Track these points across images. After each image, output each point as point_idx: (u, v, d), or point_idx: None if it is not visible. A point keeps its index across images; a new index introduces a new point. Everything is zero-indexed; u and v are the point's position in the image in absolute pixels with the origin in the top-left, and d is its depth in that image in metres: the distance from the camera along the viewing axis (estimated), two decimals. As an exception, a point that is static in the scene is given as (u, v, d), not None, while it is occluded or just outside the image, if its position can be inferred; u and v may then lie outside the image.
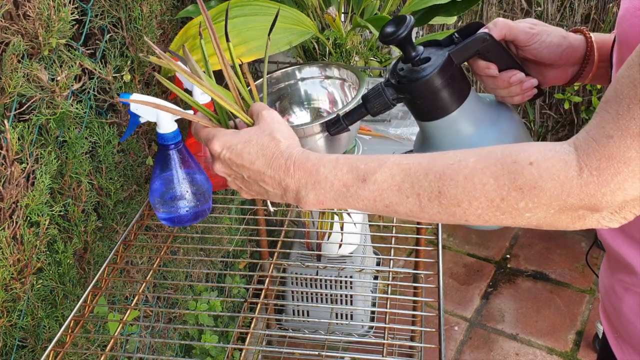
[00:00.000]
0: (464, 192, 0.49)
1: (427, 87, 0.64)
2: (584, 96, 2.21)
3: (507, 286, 2.07)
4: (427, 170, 0.51)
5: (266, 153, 0.58)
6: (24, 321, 0.92)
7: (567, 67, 0.69)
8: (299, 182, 0.56)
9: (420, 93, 0.65)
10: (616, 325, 0.68)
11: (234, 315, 1.70)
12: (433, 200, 0.50)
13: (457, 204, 0.50)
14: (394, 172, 0.52)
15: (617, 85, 0.45)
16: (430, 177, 0.50)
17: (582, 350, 1.82)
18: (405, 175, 0.51)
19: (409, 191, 0.51)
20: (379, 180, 0.52)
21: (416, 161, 0.52)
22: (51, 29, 0.87)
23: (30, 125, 0.86)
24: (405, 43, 0.65)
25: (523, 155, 0.48)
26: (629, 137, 0.44)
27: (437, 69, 0.63)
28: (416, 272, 1.05)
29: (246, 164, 0.58)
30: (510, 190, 0.47)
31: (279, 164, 0.57)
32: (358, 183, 0.53)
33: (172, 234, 1.05)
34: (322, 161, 0.56)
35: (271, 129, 0.60)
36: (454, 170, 0.50)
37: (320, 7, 1.25)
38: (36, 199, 0.87)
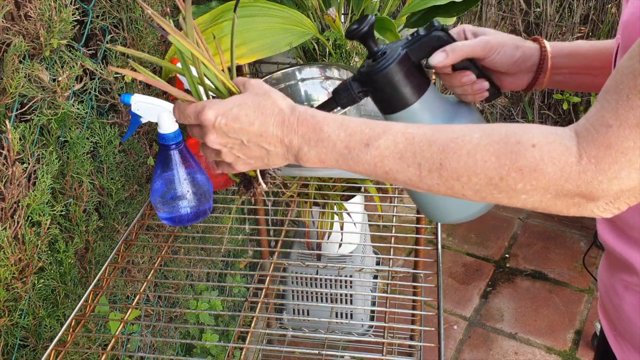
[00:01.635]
0: (465, 166, 0.49)
1: (384, 79, 0.68)
2: (582, 97, 2.21)
3: (506, 285, 2.08)
4: (430, 141, 0.51)
5: (265, 112, 0.57)
6: (26, 320, 0.92)
7: (522, 74, 0.71)
8: (302, 138, 0.55)
9: (379, 85, 0.69)
10: (616, 324, 0.68)
11: (235, 315, 1.70)
12: (433, 172, 0.51)
13: (456, 177, 0.50)
14: (397, 139, 0.52)
15: (617, 75, 0.46)
16: (434, 148, 0.50)
17: (581, 350, 1.83)
18: (409, 144, 0.51)
19: (410, 160, 0.51)
20: (382, 146, 0.52)
21: (420, 131, 0.52)
22: (52, 30, 0.87)
23: (32, 125, 0.87)
24: (366, 38, 0.69)
25: (526, 137, 0.48)
26: (627, 128, 0.44)
27: (394, 62, 0.67)
28: (415, 271, 1.05)
29: (245, 126, 0.56)
30: (510, 171, 0.48)
31: (281, 119, 0.56)
32: (360, 146, 0.53)
33: (173, 234, 1.06)
34: (326, 119, 0.55)
35: (264, 90, 0.59)
36: (457, 144, 0.50)
37: (320, 8, 1.25)
38: (37, 199, 0.87)
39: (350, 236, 1.56)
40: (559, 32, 2.21)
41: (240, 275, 1.71)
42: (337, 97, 0.72)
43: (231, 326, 1.66)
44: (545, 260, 2.16)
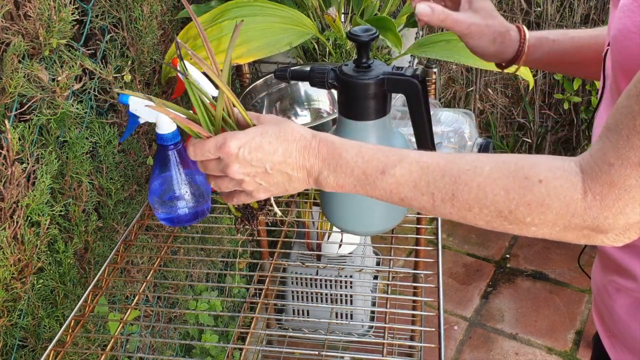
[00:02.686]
0: (476, 199, 0.51)
1: (356, 89, 0.74)
2: (583, 96, 2.21)
3: (507, 286, 2.07)
4: (443, 171, 0.52)
5: (287, 138, 0.58)
6: (25, 321, 0.92)
7: (495, 56, 0.77)
8: (323, 162, 0.57)
9: (348, 90, 0.75)
10: (609, 325, 0.69)
11: (234, 315, 1.70)
12: (446, 201, 0.52)
13: (468, 208, 0.52)
14: (412, 168, 0.54)
15: (616, 115, 0.47)
16: (446, 179, 0.52)
17: (582, 350, 1.83)
18: (423, 174, 0.53)
19: (424, 189, 0.53)
20: (397, 174, 0.54)
21: (434, 161, 0.53)
22: (52, 30, 0.87)
23: (31, 125, 0.87)
24: (363, 47, 0.74)
25: (534, 172, 0.49)
26: (628, 167, 0.45)
27: (371, 81, 0.73)
28: (416, 271, 1.05)
29: (268, 155, 0.58)
30: (519, 205, 0.49)
31: (304, 145, 0.58)
32: (377, 174, 0.55)
33: (172, 234, 1.06)
34: (344, 146, 0.57)
35: (280, 120, 0.61)
36: (469, 176, 0.51)
37: (320, 8, 1.25)
38: (37, 199, 0.87)
39: (350, 236, 1.55)
40: (559, 32, 2.20)
41: (239, 276, 1.70)
42: (312, 73, 0.77)
43: (231, 327, 1.66)
44: (545, 261, 2.15)
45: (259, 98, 1.16)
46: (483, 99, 2.40)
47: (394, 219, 0.87)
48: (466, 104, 2.46)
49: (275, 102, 1.19)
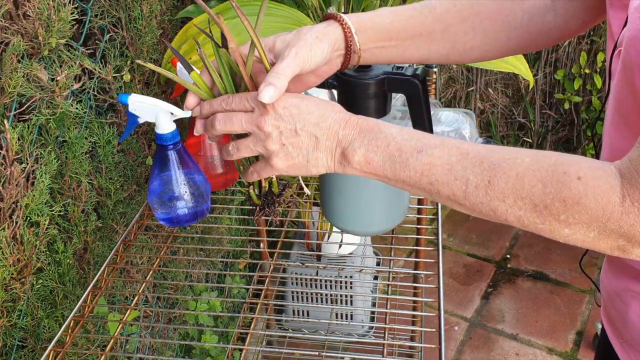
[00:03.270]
0: (512, 188, 0.50)
1: (356, 89, 0.74)
2: (584, 96, 2.21)
3: (507, 286, 2.07)
4: (483, 158, 0.51)
5: (327, 107, 0.58)
6: (24, 321, 0.92)
7: (333, 60, 0.68)
8: (358, 133, 0.56)
9: (349, 91, 0.75)
10: (622, 331, 0.67)
11: (234, 316, 1.70)
12: (480, 188, 0.51)
13: (502, 198, 0.50)
14: (452, 152, 0.53)
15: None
16: (485, 165, 0.51)
17: (582, 350, 1.82)
18: (462, 157, 0.52)
19: (459, 173, 0.52)
20: (435, 154, 0.53)
21: (475, 149, 0.53)
22: (51, 29, 0.87)
23: (30, 125, 0.86)
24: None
25: (574, 168, 0.48)
26: None
27: (371, 81, 0.73)
28: (416, 272, 1.05)
29: (302, 114, 0.58)
30: (554, 200, 0.48)
31: (343, 117, 0.58)
32: (413, 152, 0.54)
33: (172, 234, 1.05)
34: (386, 124, 0.57)
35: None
36: (508, 164, 0.50)
37: (320, 7, 1.25)
38: (36, 199, 0.87)
39: (350, 237, 1.55)
40: (560, 32, 2.20)
41: (239, 276, 1.70)
42: None
43: (230, 327, 1.66)
44: (546, 261, 2.15)
45: (258, 98, 1.16)
46: (483, 98, 2.40)
47: (394, 219, 0.87)
48: (466, 104, 2.46)
49: (275, 102, 1.19)
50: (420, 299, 0.97)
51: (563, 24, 0.69)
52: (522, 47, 0.70)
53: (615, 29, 0.58)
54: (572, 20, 0.68)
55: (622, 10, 0.57)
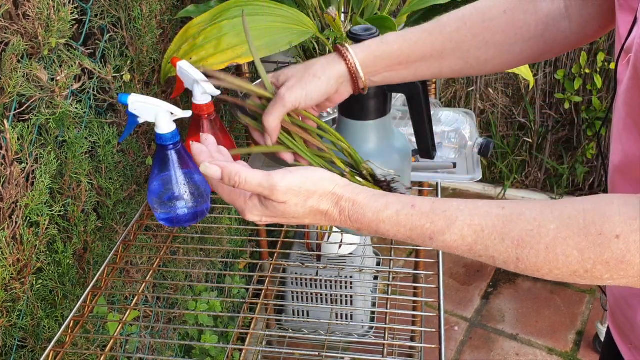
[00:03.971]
0: (545, 261, 0.47)
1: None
2: (584, 96, 2.21)
3: (507, 286, 2.07)
4: (502, 234, 0.48)
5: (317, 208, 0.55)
6: (24, 321, 0.91)
7: (342, 89, 0.70)
8: (356, 228, 0.55)
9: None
10: (630, 336, 0.66)
11: (234, 316, 1.70)
12: (509, 264, 0.49)
13: (536, 270, 0.48)
14: (464, 233, 0.49)
15: None
16: (507, 243, 0.48)
17: (583, 351, 1.82)
18: (478, 238, 0.49)
19: (482, 252, 0.50)
20: (448, 240, 0.50)
21: (490, 222, 0.49)
22: (51, 29, 0.86)
23: (30, 125, 0.86)
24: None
25: (608, 227, 0.45)
26: None
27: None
28: (416, 272, 1.04)
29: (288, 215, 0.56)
30: (596, 264, 0.46)
31: (332, 217, 0.55)
32: (424, 239, 0.52)
33: (171, 234, 1.05)
34: (380, 217, 0.52)
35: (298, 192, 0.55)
36: (533, 237, 0.47)
37: (320, 7, 1.25)
38: (36, 199, 0.87)
39: (350, 237, 1.55)
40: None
41: (239, 276, 1.70)
42: None
43: (230, 327, 1.66)
44: (546, 261, 2.15)
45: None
46: (484, 98, 2.40)
47: None
48: (467, 104, 2.46)
49: (275, 102, 1.19)
50: (420, 299, 0.97)
51: (579, 30, 0.68)
52: (537, 56, 0.70)
53: (622, 31, 0.57)
54: (587, 26, 0.67)
55: (630, 13, 0.56)
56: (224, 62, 1.08)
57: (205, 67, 0.68)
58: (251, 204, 0.57)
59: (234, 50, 1.08)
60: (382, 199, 0.53)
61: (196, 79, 0.93)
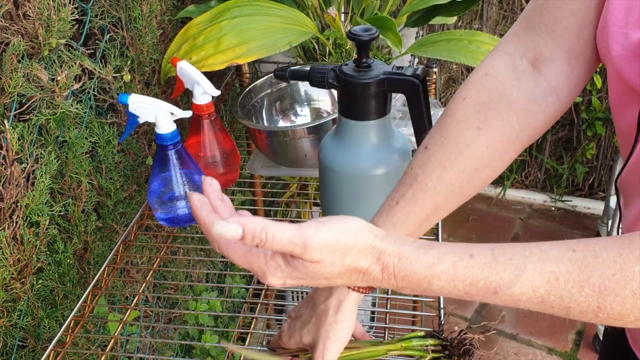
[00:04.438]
0: (632, 309, 0.41)
1: (356, 89, 0.74)
2: (584, 96, 2.21)
3: (507, 286, 2.07)
4: (581, 282, 0.42)
5: (350, 278, 0.47)
6: (24, 321, 0.92)
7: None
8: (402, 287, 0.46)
9: (349, 90, 0.75)
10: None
11: (234, 316, 1.70)
12: (587, 314, 0.43)
13: (619, 319, 0.43)
14: (535, 284, 0.43)
15: None
16: (587, 291, 0.42)
17: (582, 350, 1.82)
18: (552, 288, 0.43)
19: (555, 303, 0.44)
20: (517, 293, 0.44)
21: (564, 268, 0.43)
22: (51, 29, 0.87)
23: (30, 125, 0.86)
24: (363, 47, 0.74)
25: None
26: None
27: (371, 81, 0.73)
28: (416, 272, 1.04)
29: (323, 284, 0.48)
30: None
31: (370, 280, 0.46)
32: (486, 293, 0.45)
33: (172, 234, 1.05)
34: (434, 272, 0.44)
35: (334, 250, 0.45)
36: (617, 282, 0.41)
37: (320, 7, 1.25)
38: (36, 199, 0.87)
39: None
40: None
41: (239, 276, 1.70)
42: (312, 73, 0.78)
43: (231, 327, 1.66)
44: (546, 261, 2.15)
45: (259, 98, 1.16)
46: (483, 99, 2.40)
47: None
48: (466, 104, 2.45)
49: (275, 102, 1.19)
50: (420, 299, 0.97)
51: (568, 94, 0.61)
52: (536, 135, 0.62)
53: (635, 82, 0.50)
54: (576, 88, 0.61)
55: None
56: (224, 62, 1.08)
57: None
58: (274, 265, 0.46)
59: (234, 50, 1.08)
60: (433, 250, 0.45)
61: (196, 79, 0.93)
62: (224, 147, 1.01)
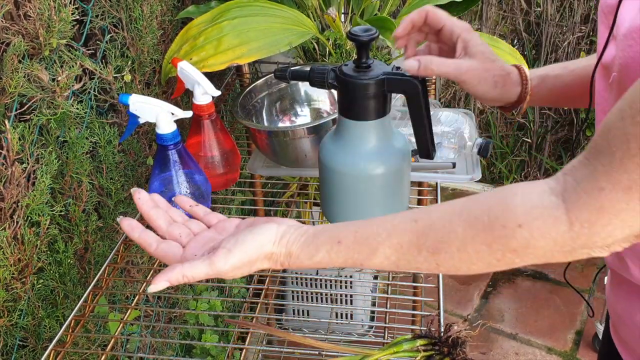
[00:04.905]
0: (460, 261, 0.51)
1: (356, 89, 0.74)
2: (583, 96, 2.21)
3: (507, 286, 2.08)
4: (419, 247, 0.52)
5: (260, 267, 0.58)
6: (25, 321, 0.92)
7: (496, 100, 0.75)
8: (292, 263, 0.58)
9: (349, 91, 0.75)
10: (636, 349, 0.67)
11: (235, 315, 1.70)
12: (433, 269, 0.53)
13: (456, 270, 0.52)
14: (387, 253, 0.54)
15: (609, 136, 0.45)
16: (424, 253, 0.52)
17: (582, 350, 1.83)
18: (400, 255, 0.53)
19: (407, 266, 0.54)
20: (376, 263, 0.55)
21: (406, 239, 0.53)
22: (52, 30, 0.87)
23: (31, 125, 0.87)
24: (363, 47, 0.74)
25: (510, 218, 0.48)
26: (620, 190, 0.44)
27: (371, 82, 0.73)
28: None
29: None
30: (505, 253, 0.49)
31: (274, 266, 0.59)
32: (357, 265, 0.56)
33: (172, 234, 1.06)
34: (314, 260, 0.56)
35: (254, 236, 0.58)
36: (445, 243, 0.51)
37: (320, 8, 1.25)
38: (37, 199, 0.87)
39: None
40: (559, 32, 2.20)
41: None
42: (312, 73, 0.78)
43: (231, 327, 1.66)
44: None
45: (259, 98, 1.16)
46: (483, 99, 2.40)
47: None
48: (466, 104, 2.46)
49: (275, 102, 1.19)
50: (420, 299, 0.97)
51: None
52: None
53: (600, 42, 0.59)
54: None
55: (606, 28, 0.58)
56: (224, 63, 1.08)
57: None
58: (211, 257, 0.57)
59: (234, 50, 1.08)
60: (313, 244, 0.56)
61: (197, 79, 0.93)
62: (224, 147, 1.01)
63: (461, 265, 0.51)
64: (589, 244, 0.47)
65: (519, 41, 2.31)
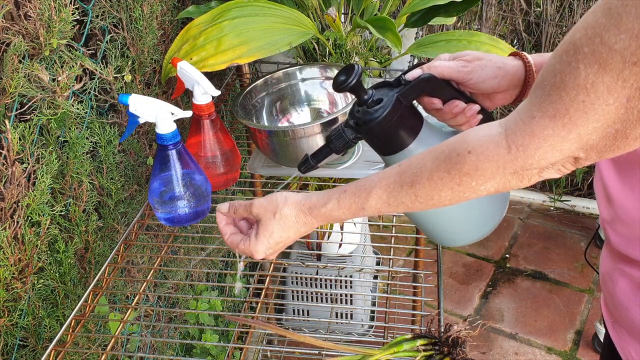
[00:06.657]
0: (431, 189, 0.60)
1: (379, 127, 0.70)
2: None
3: (507, 286, 2.08)
4: (401, 183, 0.62)
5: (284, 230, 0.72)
6: (25, 321, 0.92)
7: (509, 90, 0.76)
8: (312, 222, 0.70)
9: (375, 133, 0.71)
10: (612, 310, 0.73)
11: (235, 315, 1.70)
12: (414, 202, 0.62)
13: (430, 198, 0.61)
14: (379, 194, 0.64)
15: (543, 72, 0.52)
16: (405, 188, 0.62)
17: (582, 350, 1.83)
18: (389, 193, 0.64)
19: (395, 202, 0.64)
20: (373, 204, 0.65)
21: (391, 180, 0.63)
22: (52, 30, 0.87)
23: (31, 125, 0.87)
24: (356, 89, 0.70)
25: (463, 147, 0.58)
26: (547, 118, 0.51)
27: (387, 110, 0.69)
28: (416, 271, 1.05)
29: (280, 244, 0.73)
30: (462, 176, 0.58)
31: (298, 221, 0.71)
32: (359, 210, 0.66)
33: (172, 234, 1.06)
34: (328, 207, 0.68)
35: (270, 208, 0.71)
36: (418, 176, 0.61)
37: (320, 8, 1.25)
38: (37, 199, 0.87)
39: (350, 236, 1.55)
40: (559, 32, 2.20)
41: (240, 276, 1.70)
42: (332, 144, 0.74)
43: (231, 326, 1.66)
44: (545, 261, 2.15)
45: (259, 98, 1.16)
46: (483, 98, 2.40)
47: (481, 227, 0.78)
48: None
49: (275, 102, 1.19)
50: (419, 298, 0.97)
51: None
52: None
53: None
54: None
55: None
56: (224, 63, 1.08)
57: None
58: (249, 241, 0.73)
59: (234, 50, 1.09)
60: (326, 196, 0.68)
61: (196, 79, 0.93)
62: (224, 147, 1.01)
63: (433, 194, 0.60)
64: (526, 166, 0.54)
65: (519, 41, 2.31)
